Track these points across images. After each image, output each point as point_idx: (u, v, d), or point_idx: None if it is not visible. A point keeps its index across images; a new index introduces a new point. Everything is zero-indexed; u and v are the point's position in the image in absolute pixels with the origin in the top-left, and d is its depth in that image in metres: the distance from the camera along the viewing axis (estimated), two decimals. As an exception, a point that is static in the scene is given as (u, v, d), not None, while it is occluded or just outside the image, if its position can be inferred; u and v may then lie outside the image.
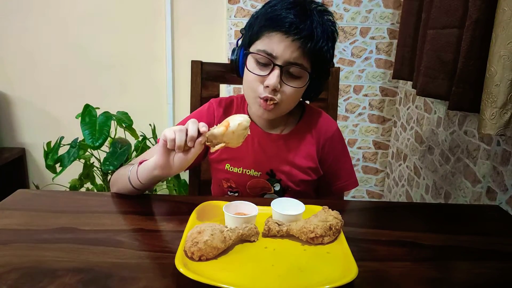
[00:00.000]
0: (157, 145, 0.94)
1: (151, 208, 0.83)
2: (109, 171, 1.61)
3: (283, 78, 0.81)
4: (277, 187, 0.94)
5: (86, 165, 1.70)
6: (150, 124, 1.85)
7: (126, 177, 0.82)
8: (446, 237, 0.74)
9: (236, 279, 0.55)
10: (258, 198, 0.93)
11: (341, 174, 0.99)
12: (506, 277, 0.62)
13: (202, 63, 1.16)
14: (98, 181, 1.75)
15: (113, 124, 1.65)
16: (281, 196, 0.82)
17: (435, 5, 1.16)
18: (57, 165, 1.64)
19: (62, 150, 1.67)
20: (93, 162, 1.73)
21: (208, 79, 1.17)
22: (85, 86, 2.02)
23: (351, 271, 0.56)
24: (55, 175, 1.63)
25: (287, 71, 0.82)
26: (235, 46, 0.90)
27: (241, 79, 0.90)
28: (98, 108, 1.65)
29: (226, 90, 1.92)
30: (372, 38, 1.87)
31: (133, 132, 1.75)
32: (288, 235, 0.68)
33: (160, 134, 1.04)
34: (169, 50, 1.97)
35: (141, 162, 0.81)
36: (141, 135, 1.77)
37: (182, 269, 0.54)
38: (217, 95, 1.15)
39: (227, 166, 0.94)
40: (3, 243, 0.64)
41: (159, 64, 2.00)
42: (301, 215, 0.71)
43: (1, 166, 1.90)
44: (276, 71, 0.80)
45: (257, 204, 0.73)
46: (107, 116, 1.61)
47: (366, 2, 1.82)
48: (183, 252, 0.59)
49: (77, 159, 1.63)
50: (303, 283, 0.56)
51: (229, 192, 0.97)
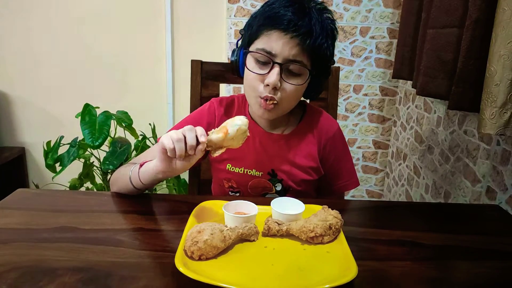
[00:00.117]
0: (156, 145, 0.94)
1: (151, 207, 0.83)
2: (109, 171, 1.61)
3: (283, 76, 0.81)
4: (279, 187, 0.94)
5: (86, 164, 1.70)
6: (150, 124, 1.85)
7: (127, 177, 0.82)
8: (446, 237, 0.74)
9: (236, 279, 0.55)
10: (257, 198, 0.93)
11: (342, 174, 0.99)
12: (506, 277, 0.63)
13: (202, 62, 1.16)
14: (98, 180, 1.75)
15: (113, 123, 1.65)
16: (283, 196, 0.82)
17: (435, 4, 1.16)
18: (57, 165, 1.64)
19: (62, 150, 1.67)
20: (93, 162, 1.73)
21: (208, 79, 1.17)
22: (85, 85, 2.02)
23: (350, 270, 0.56)
24: (55, 174, 1.63)
25: (287, 68, 0.81)
26: (235, 47, 0.90)
27: (241, 79, 0.90)
28: (98, 107, 1.65)
29: (226, 90, 1.92)
30: (372, 37, 1.87)
31: (133, 132, 1.75)
32: (288, 235, 0.68)
33: (160, 133, 1.04)
34: (169, 50, 1.96)
35: (142, 164, 0.81)
36: (141, 135, 1.77)
37: (182, 269, 0.54)
38: (217, 95, 1.15)
39: (228, 166, 0.94)
40: (3, 242, 0.64)
41: (159, 63, 2.00)
42: (301, 215, 0.71)
43: (1, 165, 1.90)
44: (276, 69, 0.80)
45: (256, 204, 0.73)
46: (107, 115, 1.61)
47: (366, 1, 1.82)
48: (183, 251, 0.60)
49: (77, 159, 1.63)
50: (303, 282, 0.56)
51: (230, 192, 0.97)
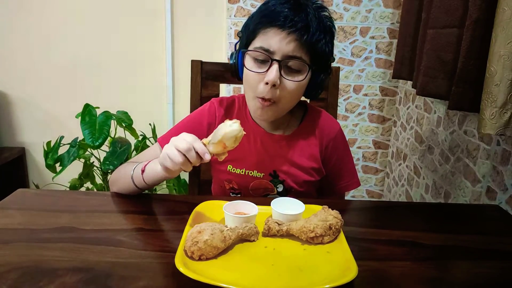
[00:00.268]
0: (156, 145, 0.94)
1: (151, 207, 0.83)
2: (109, 171, 1.61)
3: (283, 73, 0.80)
4: (280, 188, 0.94)
5: (86, 164, 1.70)
6: (150, 124, 1.85)
7: (129, 177, 0.82)
8: (446, 237, 0.74)
9: (236, 279, 0.55)
10: (258, 198, 0.93)
11: (344, 174, 0.98)
12: (506, 276, 0.63)
13: (202, 62, 1.16)
14: (98, 180, 1.75)
15: (113, 123, 1.65)
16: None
17: (435, 4, 1.16)
18: (57, 165, 1.64)
19: (62, 150, 1.67)
20: (93, 162, 1.73)
21: (208, 79, 1.17)
22: (85, 85, 2.02)
23: (351, 270, 0.56)
24: (55, 174, 1.63)
25: (286, 65, 0.81)
26: (233, 50, 0.89)
27: (242, 81, 0.90)
28: (98, 107, 1.65)
29: (226, 90, 1.92)
30: (372, 37, 1.87)
31: (133, 132, 1.75)
32: (288, 235, 0.68)
33: (160, 133, 1.04)
34: (169, 50, 1.96)
35: (146, 164, 0.81)
36: (141, 135, 1.77)
37: (182, 269, 0.54)
38: (217, 95, 1.15)
39: (229, 167, 0.93)
40: (3, 243, 0.64)
41: (159, 63, 2.00)
42: (301, 215, 0.71)
43: (1, 165, 1.90)
44: (275, 66, 0.79)
45: (257, 204, 0.73)
46: (107, 115, 1.61)
47: (366, 1, 1.82)
48: (183, 251, 0.60)
49: (77, 159, 1.63)
50: (303, 282, 0.56)
51: (231, 194, 0.96)
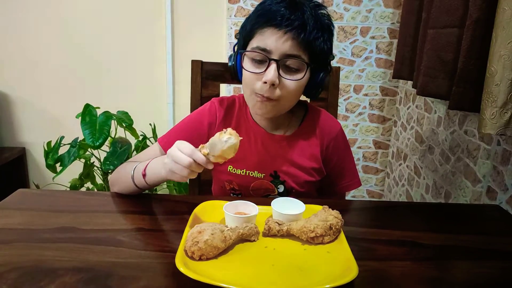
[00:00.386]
0: (156, 145, 0.94)
1: (152, 207, 0.83)
2: (110, 171, 1.61)
3: (281, 73, 0.80)
4: (281, 188, 0.93)
5: (87, 164, 1.70)
6: (150, 124, 1.85)
7: (129, 177, 0.82)
8: (446, 237, 0.74)
9: (236, 279, 0.55)
10: (258, 198, 0.93)
11: (345, 174, 0.98)
12: (506, 276, 0.63)
13: (202, 62, 1.16)
14: (99, 180, 1.75)
15: (113, 123, 1.65)
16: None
17: (435, 4, 1.16)
18: (57, 165, 1.64)
19: (62, 150, 1.67)
20: (93, 162, 1.73)
21: (208, 79, 1.17)
22: (85, 85, 2.02)
23: (351, 270, 0.56)
24: (55, 174, 1.63)
25: (284, 64, 0.80)
26: (232, 52, 0.89)
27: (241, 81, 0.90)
28: (99, 107, 1.65)
29: (226, 90, 1.92)
30: (372, 37, 1.87)
31: (133, 132, 1.75)
32: (288, 235, 0.68)
33: (160, 133, 1.04)
34: (169, 50, 1.96)
35: (145, 167, 0.81)
36: (141, 135, 1.77)
37: (182, 269, 0.54)
38: (218, 95, 1.15)
39: (230, 168, 0.93)
40: (3, 243, 0.64)
41: (159, 63, 2.00)
42: (301, 215, 0.71)
43: (2, 165, 1.90)
44: (273, 66, 0.79)
45: (257, 204, 0.73)
46: (107, 115, 1.61)
47: (366, 1, 1.82)
48: (183, 251, 0.60)
49: (78, 159, 1.63)
50: (303, 282, 0.56)
51: (231, 194, 0.96)
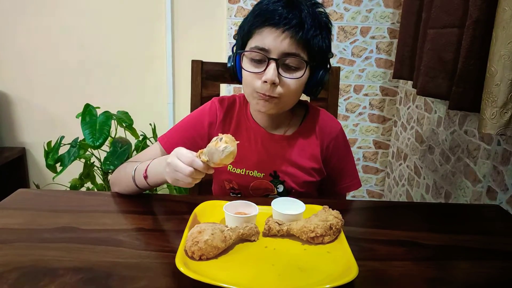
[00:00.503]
0: (157, 144, 0.94)
1: (152, 207, 0.83)
2: (110, 171, 1.61)
3: (281, 72, 0.80)
4: (281, 188, 0.93)
5: (87, 164, 1.70)
6: (150, 124, 1.85)
7: (130, 177, 0.82)
8: (446, 237, 0.74)
9: (236, 279, 0.55)
10: (258, 198, 0.93)
11: (345, 175, 0.98)
12: (506, 276, 0.63)
13: (202, 62, 1.16)
14: (99, 180, 1.75)
15: (113, 123, 1.65)
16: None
17: (435, 4, 1.16)
18: (58, 165, 1.64)
19: (63, 150, 1.67)
20: (94, 162, 1.73)
21: (208, 79, 1.17)
22: (85, 85, 2.02)
23: (351, 270, 0.56)
24: (55, 174, 1.63)
25: (284, 63, 0.80)
26: (231, 54, 0.89)
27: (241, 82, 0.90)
28: (99, 107, 1.65)
29: (226, 90, 1.92)
30: (373, 37, 1.87)
31: (133, 132, 1.75)
32: (289, 235, 0.68)
33: (160, 133, 1.04)
34: (169, 50, 1.96)
35: (146, 168, 0.81)
36: (141, 135, 1.77)
37: (182, 269, 0.54)
38: (218, 95, 1.15)
39: (230, 167, 0.93)
40: (4, 243, 0.64)
41: (159, 63, 2.00)
42: (301, 215, 0.72)
43: (2, 165, 1.90)
44: (272, 65, 0.79)
45: (257, 204, 0.73)
46: (108, 115, 1.61)
47: (366, 1, 1.81)
48: (183, 251, 0.60)
49: (78, 159, 1.63)
50: (303, 282, 0.56)
51: (231, 194, 0.96)
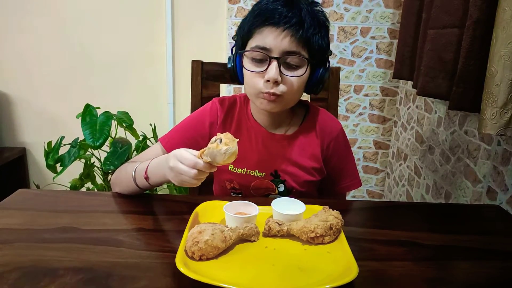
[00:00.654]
0: (158, 144, 0.94)
1: (152, 207, 0.83)
2: (110, 171, 1.61)
3: (283, 70, 0.81)
4: (281, 188, 0.94)
5: (87, 164, 1.70)
6: (150, 124, 1.85)
7: (131, 177, 0.82)
8: (446, 237, 0.74)
9: (236, 279, 0.55)
10: (258, 198, 0.93)
11: (345, 175, 0.98)
12: (506, 276, 0.63)
13: (202, 62, 1.16)
14: (99, 180, 1.75)
15: (113, 123, 1.65)
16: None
17: (435, 4, 1.16)
18: (58, 165, 1.64)
19: (63, 150, 1.67)
20: (94, 162, 1.73)
21: (208, 79, 1.17)
22: (86, 85, 2.02)
23: (351, 270, 0.56)
24: (55, 174, 1.63)
25: (285, 62, 0.81)
26: (230, 54, 0.89)
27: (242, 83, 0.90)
28: (99, 107, 1.65)
29: (226, 90, 1.92)
30: (373, 38, 1.87)
31: (133, 132, 1.75)
32: (289, 235, 0.68)
33: (160, 133, 1.04)
34: (169, 50, 1.97)
35: (147, 168, 0.81)
36: (141, 135, 1.77)
37: (182, 269, 0.54)
38: (218, 95, 1.15)
39: (231, 166, 0.93)
40: (4, 243, 0.64)
41: (159, 63, 2.00)
42: (301, 215, 0.72)
43: (2, 165, 1.90)
44: (274, 63, 0.79)
45: (257, 204, 0.73)
46: (108, 115, 1.61)
47: (366, 1, 1.82)
48: (183, 251, 0.60)
49: (78, 159, 1.63)
50: (303, 282, 0.56)
51: (232, 193, 0.96)
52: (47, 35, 1.94)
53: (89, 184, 1.74)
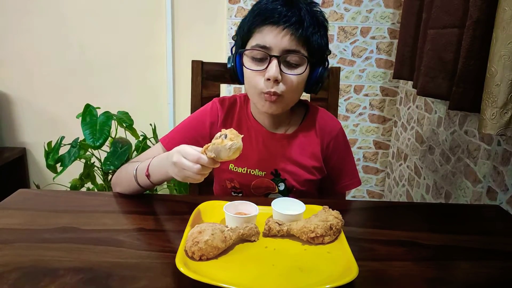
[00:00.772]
0: (158, 145, 0.94)
1: (152, 207, 0.83)
2: (110, 171, 1.61)
3: (283, 69, 0.81)
4: (282, 187, 0.94)
5: (87, 165, 1.70)
6: (150, 124, 1.85)
7: (132, 176, 0.83)
8: (446, 237, 0.74)
9: (236, 279, 0.55)
10: (258, 198, 0.93)
11: (345, 174, 0.99)
12: (506, 276, 0.63)
13: (202, 62, 1.16)
14: (99, 180, 1.75)
15: (113, 123, 1.65)
16: (286, 196, 0.82)
17: (435, 5, 1.16)
18: (58, 165, 1.64)
19: (63, 150, 1.67)
20: (94, 162, 1.73)
21: (208, 79, 1.17)
22: (86, 85, 2.02)
23: (351, 270, 0.56)
24: (55, 174, 1.63)
25: (285, 60, 0.81)
26: (230, 54, 0.90)
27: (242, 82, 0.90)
28: (99, 108, 1.65)
29: (226, 90, 1.92)
30: (373, 38, 1.87)
31: (133, 132, 1.75)
32: (289, 235, 0.68)
33: (160, 134, 1.04)
34: (169, 50, 1.97)
35: (148, 166, 0.81)
36: (141, 135, 1.77)
37: (182, 269, 0.54)
38: (218, 95, 1.15)
39: (231, 166, 0.94)
40: (4, 243, 0.64)
41: (159, 63, 2.00)
42: (301, 215, 0.72)
43: (2, 165, 1.90)
44: (274, 62, 0.80)
45: (257, 204, 0.73)
46: (108, 115, 1.61)
47: (366, 2, 1.82)
48: (183, 251, 0.60)
49: (78, 159, 1.63)
50: (303, 283, 0.56)
51: (232, 193, 0.97)
52: (47, 35, 1.94)
53: (89, 184, 1.74)
